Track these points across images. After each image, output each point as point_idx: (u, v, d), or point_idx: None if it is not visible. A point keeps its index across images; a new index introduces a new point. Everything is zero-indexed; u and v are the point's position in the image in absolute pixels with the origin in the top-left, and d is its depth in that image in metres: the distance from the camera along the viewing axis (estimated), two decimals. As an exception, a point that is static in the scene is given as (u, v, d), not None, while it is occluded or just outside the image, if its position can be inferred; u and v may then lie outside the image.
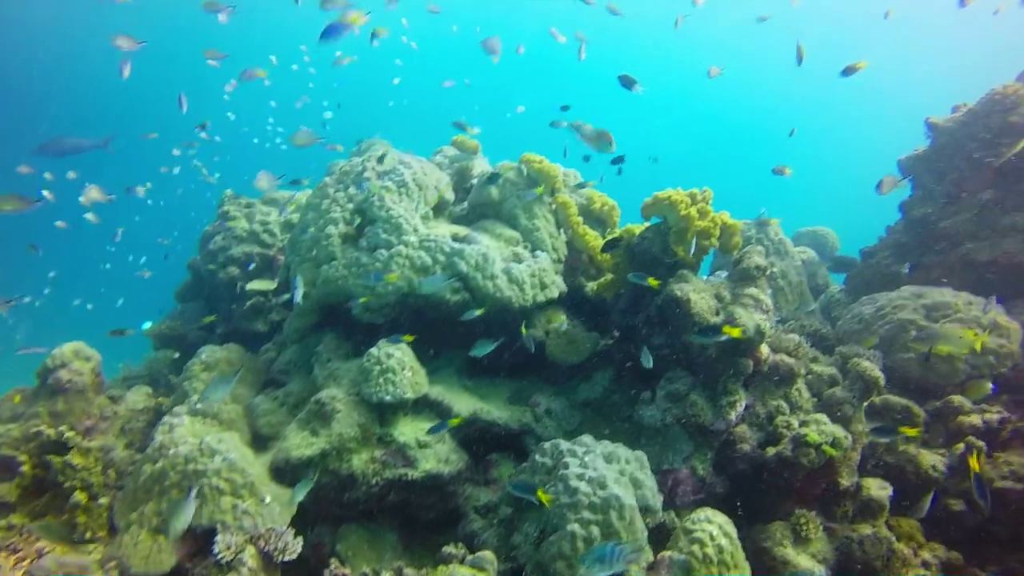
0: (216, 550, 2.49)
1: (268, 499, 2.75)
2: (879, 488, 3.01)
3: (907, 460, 3.18)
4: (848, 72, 3.90)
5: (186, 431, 3.05)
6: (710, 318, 3.10)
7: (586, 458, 2.66)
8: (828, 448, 2.83)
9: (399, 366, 3.10)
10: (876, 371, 3.24)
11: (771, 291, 4.12)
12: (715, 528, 2.49)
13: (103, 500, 2.94)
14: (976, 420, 3.30)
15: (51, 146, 3.22)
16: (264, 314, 4.68)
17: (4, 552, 2.58)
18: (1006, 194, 4.53)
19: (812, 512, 2.92)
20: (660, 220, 3.45)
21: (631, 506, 2.46)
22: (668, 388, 3.14)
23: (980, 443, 3.07)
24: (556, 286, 3.74)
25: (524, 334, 3.41)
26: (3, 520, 2.84)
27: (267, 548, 2.57)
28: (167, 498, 2.72)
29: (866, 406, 3.33)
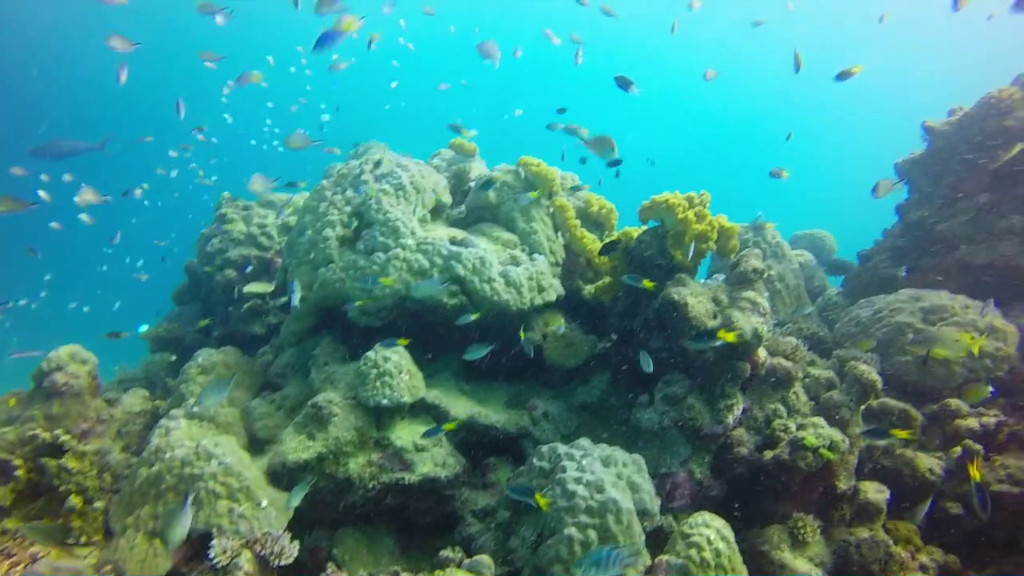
0: (212, 554, 2.48)
1: (265, 503, 2.74)
2: (876, 491, 3.01)
3: (904, 463, 3.18)
4: (843, 77, 3.89)
5: (183, 434, 3.04)
6: (707, 322, 3.10)
7: (583, 461, 2.65)
8: (825, 451, 2.83)
9: (396, 370, 3.09)
10: (873, 374, 3.24)
11: (768, 294, 4.12)
12: (712, 532, 2.49)
13: (98, 504, 2.92)
14: (973, 423, 3.30)
15: (47, 149, 3.20)
16: (261, 317, 4.67)
17: (-2, 557, 2.57)
18: (1002, 197, 4.54)
19: (809, 515, 2.92)
20: (658, 223, 3.45)
21: (628, 510, 2.45)
22: (665, 391, 3.14)
23: (977, 446, 3.07)
24: (554, 289, 3.73)
25: (523, 339, 3.41)
26: (-2, 524, 2.83)
27: (263, 552, 2.56)
28: (163, 502, 2.71)
29: (863, 409, 3.33)
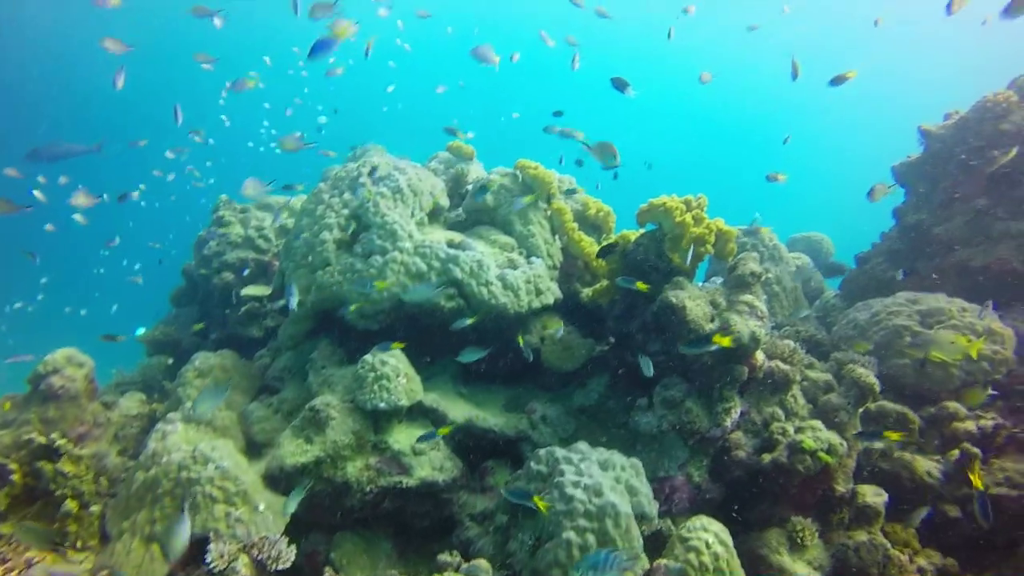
0: (209, 559, 2.47)
1: (262, 507, 2.73)
2: (875, 495, 3.01)
3: (902, 466, 3.19)
4: (836, 82, 3.88)
5: (179, 438, 3.03)
6: (705, 325, 3.10)
7: (582, 465, 2.65)
8: (823, 455, 2.83)
9: (394, 373, 3.08)
10: (871, 377, 3.24)
11: (766, 297, 4.12)
12: (711, 536, 2.48)
13: (94, 508, 2.91)
14: (971, 426, 3.30)
15: (43, 151, 3.20)
16: (259, 320, 4.66)
17: (-7, 562, 2.56)
18: (999, 201, 4.55)
19: (808, 519, 2.92)
20: (655, 227, 3.45)
21: (627, 514, 2.45)
22: (664, 395, 3.14)
23: (975, 450, 3.07)
24: (551, 292, 3.73)
25: (521, 344, 3.40)
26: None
27: (260, 557, 2.55)
28: (160, 506, 2.70)
29: (861, 412, 3.33)
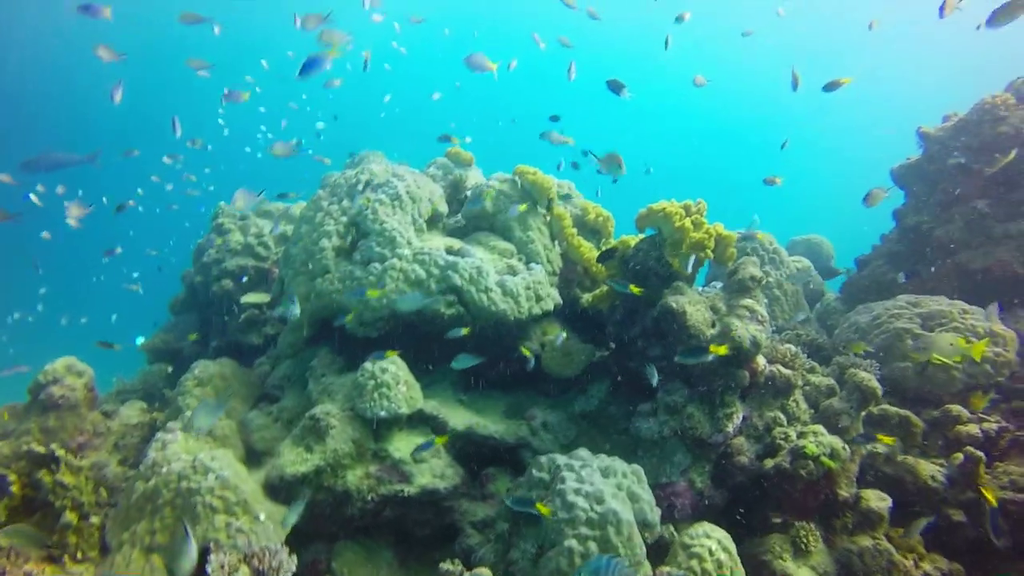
0: (209, 570, 2.45)
1: (262, 516, 2.71)
2: (878, 499, 2.99)
3: (906, 470, 3.17)
4: (831, 87, 3.87)
5: (179, 448, 3.01)
6: (706, 330, 3.09)
7: (583, 472, 2.63)
8: (826, 460, 2.82)
9: (394, 380, 3.07)
10: (873, 382, 3.23)
11: (766, 301, 4.12)
12: (714, 543, 2.47)
13: (94, 519, 2.89)
14: (974, 430, 3.29)
15: (38, 162, 3.19)
16: (259, 327, 4.66)
17: (-8, 575, 2.54)
18: (999, 203, 4.55)
19: (811, 524, 2.90)
20: (655, 232, 3.44)
21: (629, 521, 2.43)
22: (665, 400, 3.13)
23: (979, 453, 3.05)
24: (551, 298, 3.72)
25: (528, 355, 3.40)
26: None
27: (261, 567, 2.53)
28: (160, 517, 2.68)
29: (864, 416, 3.31)
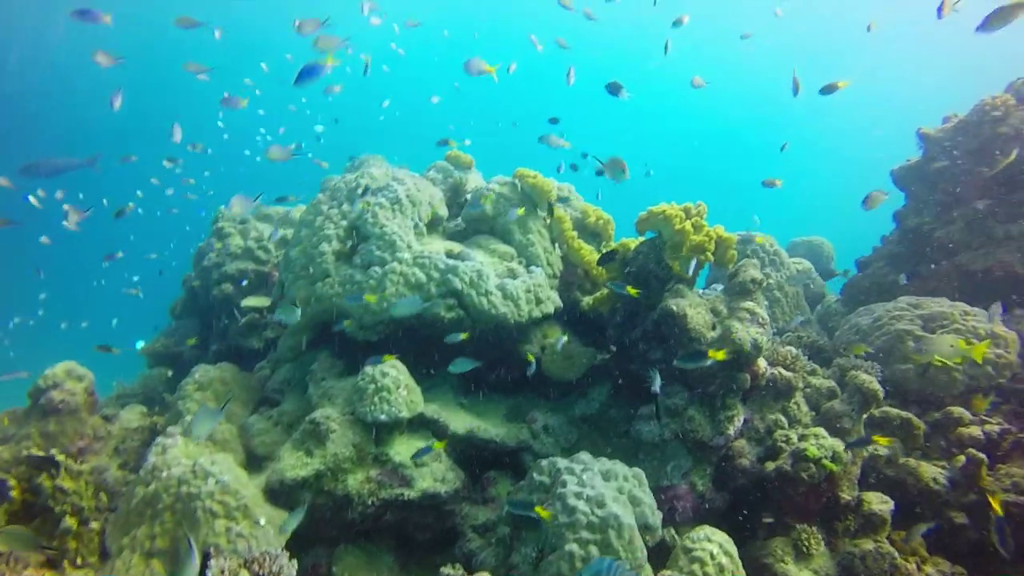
0: (210, 575, 2.45)
1: (263, 521, 2.70)
2: (880, 502, 2.98)
3: (908, 473, 3.15)
4: (828, 90, 3.86)
5: (179, 452, 3.01)
6: (706, 333, 3.09)
7: (584, 476, 2.63)
8: (828, 463, 2.81)
9: (394, 384, 3.07)
10: (875, 384, 3.22)
11: (767, 302, 4.11)
12: (715, 547, 2.46)
13: (94, 524, 2.88)
14: (976, 432, 3.28)
15: (38, 167, 3.19)
16: (259, 331, 4.65)
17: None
18: (999, 204, 4.55)
19: (813, 527, 2.89)
20: (655, 234, 3.44)
21: (630, 525, 2.43)
22: (666, 403, 3.12)
23: (981, 455, 3.04)
24: (551, 301, 3.72)
25: (532, 360, 3.40)
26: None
27: (261, 572, 2.52)
28: (160, 521, 2.67)
29: (865, 418, 3.31)
